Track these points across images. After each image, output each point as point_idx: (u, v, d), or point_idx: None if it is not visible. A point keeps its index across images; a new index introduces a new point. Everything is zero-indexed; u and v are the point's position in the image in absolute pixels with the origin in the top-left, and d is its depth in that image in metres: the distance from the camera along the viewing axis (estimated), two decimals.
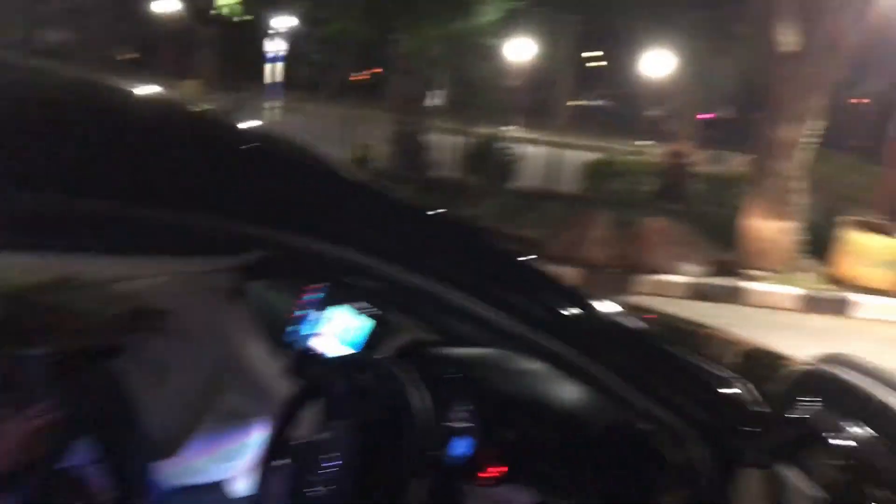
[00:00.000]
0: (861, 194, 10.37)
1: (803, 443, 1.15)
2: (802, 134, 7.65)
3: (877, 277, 7.68)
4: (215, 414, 2.51)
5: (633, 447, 1.32)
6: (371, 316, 1.71)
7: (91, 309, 2.19)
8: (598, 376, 1.22)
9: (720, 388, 1.25)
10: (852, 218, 8.24)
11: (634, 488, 1.28)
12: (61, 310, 2.15)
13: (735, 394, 1.24)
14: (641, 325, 1.37)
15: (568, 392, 1.44)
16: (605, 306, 1.24)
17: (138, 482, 2.18)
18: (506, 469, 1.38)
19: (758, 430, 1.19)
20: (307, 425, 1.48)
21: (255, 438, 2.59)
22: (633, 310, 2.34)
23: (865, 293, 7.60)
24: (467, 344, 1.55)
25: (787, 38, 7.44)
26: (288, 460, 1.44)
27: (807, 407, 1.17)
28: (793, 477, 1.14)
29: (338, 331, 1.75)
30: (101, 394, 2.12)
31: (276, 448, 1.52)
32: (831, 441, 1.11)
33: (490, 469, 1.40)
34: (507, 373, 1.49)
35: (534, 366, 1.50)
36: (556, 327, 1.19)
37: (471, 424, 1.44)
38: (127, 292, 2.25)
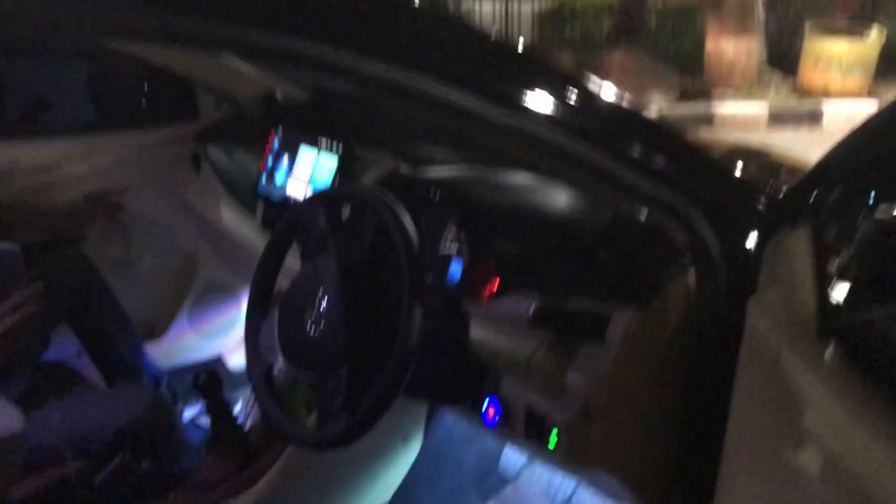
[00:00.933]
0: (825, 3, 10.11)
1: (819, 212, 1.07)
2: None
3: (843, 84, 7.62)
4: (197, 289, 2.44)
5: (636, 237, 1.26)
6: (340, 151, 1.61)
7: (42, 199, 2.08)
8: (598, 163, 1.13)
9: (723, 168, 1.17)
10: (816, 24, 8.06)
11: (643, 275, 1.23)
12: (10, 204, 2.04)
13: (740, 173, 1.17)
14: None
15: (558, 198, 1.37)
16: (605, 89, 1.13)
17: (128, 366, 2.13)
18: (499, 282, 1.32)
19: (768, 205, 1.12)
20: (290, 272, 1.40)
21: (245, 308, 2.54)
22: None
23: (833, 101, 7.54)
24: (444, 164, 1.47)
25: None
26: (275, 311, 1.37)
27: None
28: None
29: (309, 172, 1.65)
30: (74, 281, 2.03)
31: (260, 303, 1.44)
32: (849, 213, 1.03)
33: (485, 285, 1.35)
34: (491, 188, 1.42)
35: (516, 178, 1.42)
36: (557, 115, 1.08)
37: (459, 243, 1.38)
38: (79, 174, 2.13)
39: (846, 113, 7.43)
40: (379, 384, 1.14)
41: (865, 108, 7.43)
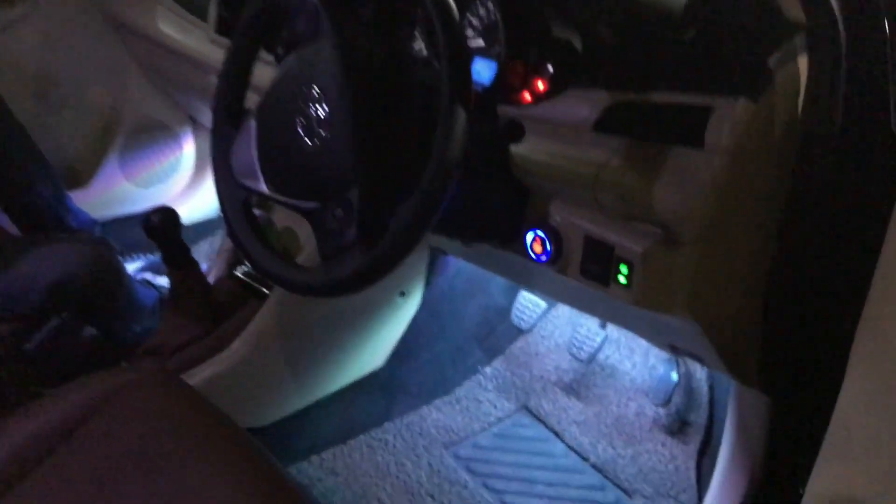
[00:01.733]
0: None
1: None
2: None
3: None
4: (129, 127, 2.06)
5: (734, 8, 0.96)
6: None
7: None
8: None
9: None
10: None
11: (747, 58, 0.93)
12: None
13: None
14: None
15: None
16: None
17: (48, 214, 1.77)
18: (551, 76, 1.02)
19: None
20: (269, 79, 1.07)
21: (190, 149, 2.20)
22: None
23: None
24: None
25: None
26: (250, 126, 1.04)
27: None
28: None
29: None
30: None
31: (229, 117, 1.11)
32: None
33: (531, 81, 1.05)
34: None
35: None
36: None
37: (493, 25, 1.07)
38: None
39: None
40: (409, 207, 0.85)
41: None
